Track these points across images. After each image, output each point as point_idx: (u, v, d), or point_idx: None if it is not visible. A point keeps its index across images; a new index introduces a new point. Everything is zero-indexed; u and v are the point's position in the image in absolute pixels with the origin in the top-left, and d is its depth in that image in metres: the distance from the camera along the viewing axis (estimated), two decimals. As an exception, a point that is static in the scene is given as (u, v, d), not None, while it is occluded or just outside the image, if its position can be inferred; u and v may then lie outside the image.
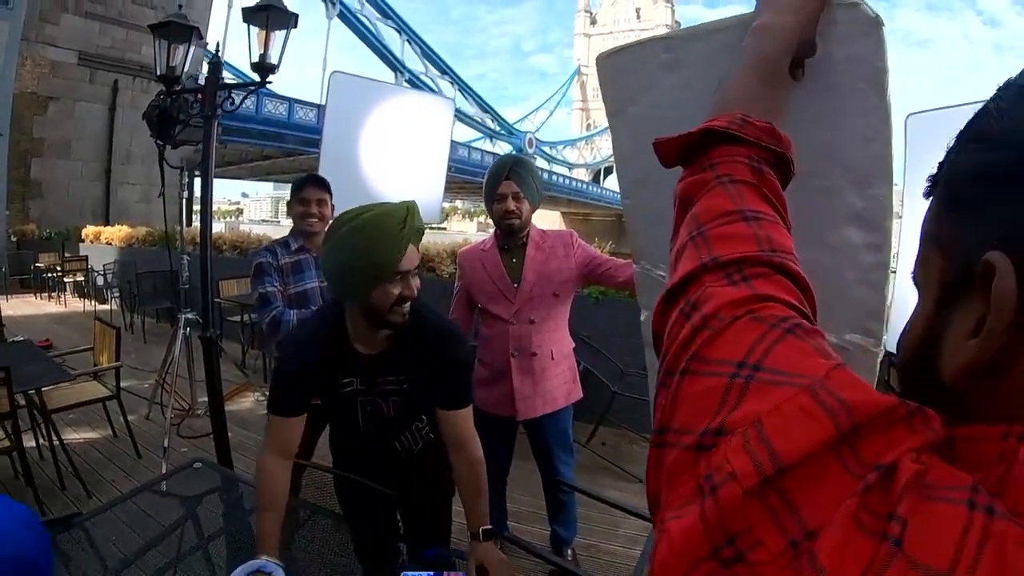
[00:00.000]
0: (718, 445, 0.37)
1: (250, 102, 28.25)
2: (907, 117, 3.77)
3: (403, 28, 45.43)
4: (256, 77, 3.44)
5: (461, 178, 41.95)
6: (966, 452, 0.35)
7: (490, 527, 1.79)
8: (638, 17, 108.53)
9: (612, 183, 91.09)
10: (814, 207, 0.84)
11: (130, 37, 19.18)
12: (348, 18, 39.70)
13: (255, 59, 3.40)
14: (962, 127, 0.46)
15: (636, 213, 1.09)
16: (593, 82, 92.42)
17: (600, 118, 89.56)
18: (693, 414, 0.40)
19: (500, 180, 2.62)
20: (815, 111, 0.84)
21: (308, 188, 3.02)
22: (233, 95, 3.41)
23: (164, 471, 3.89)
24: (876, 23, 0.82)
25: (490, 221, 2.78)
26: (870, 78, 0.83)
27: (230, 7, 29.10)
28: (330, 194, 3.08)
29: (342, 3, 38.74)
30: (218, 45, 3.68)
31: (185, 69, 3.66)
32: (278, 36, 3.42)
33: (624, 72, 1.07)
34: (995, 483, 0.32)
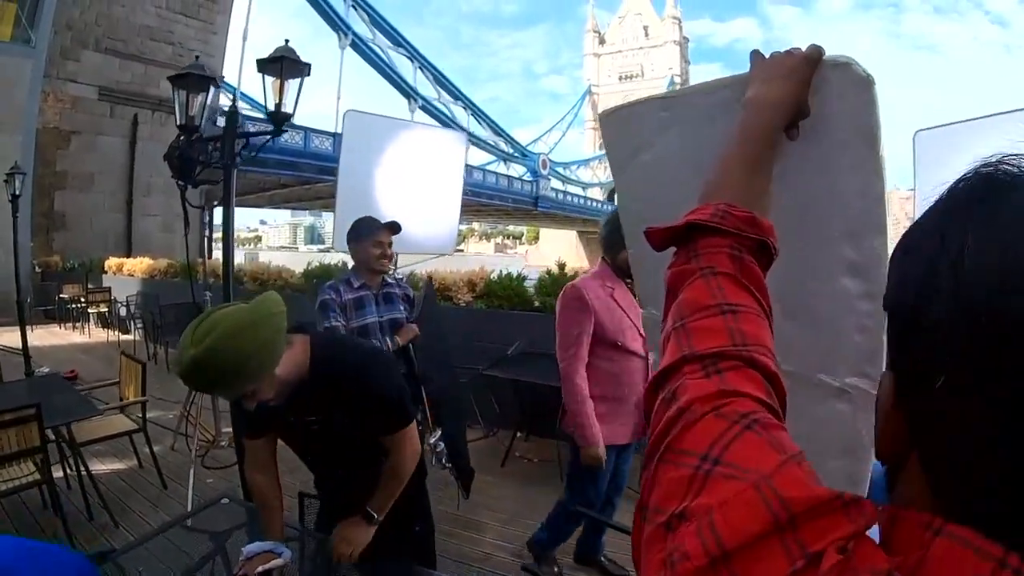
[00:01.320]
0: (680, 528, 0.42)
1: (299, 137, 28.77)
2: (915, 134, 3.82)
3: (415, 55, 46.04)
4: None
5: (477, 201, 42.24)
6: (900, 533, 0.40)
7: (371, 512, 1.96)
8: (646, 35, 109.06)
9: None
10: (813, 258, 0.89)
11: (149, 72, 19.82)
12: (360, 47, 40.32)
13: (271, 108, 3.57)
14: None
15: (640, 261, 1.14)
16: (604, 101, 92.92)
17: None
18: (665, 497, 0.45)
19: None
20: (810, 168, 0.87)
21: (385, 232, 3.32)
22: (251, 141, 3.55)
23: (190, 501, 3.96)
24: (868, 82, 0.84)
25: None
26: (863, 134, 0.85)
27: (245, 39, 29.66)
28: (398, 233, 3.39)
29: (354, 33, 39.39)
30: (234, 95, 3.82)
31: (204, 115, 3.79)
32: (292, 85, 3.58)
33: (625, 129, 1.10)
34: (911, 568, 0.37)
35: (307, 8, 37.39)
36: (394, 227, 3.36)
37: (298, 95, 3.61)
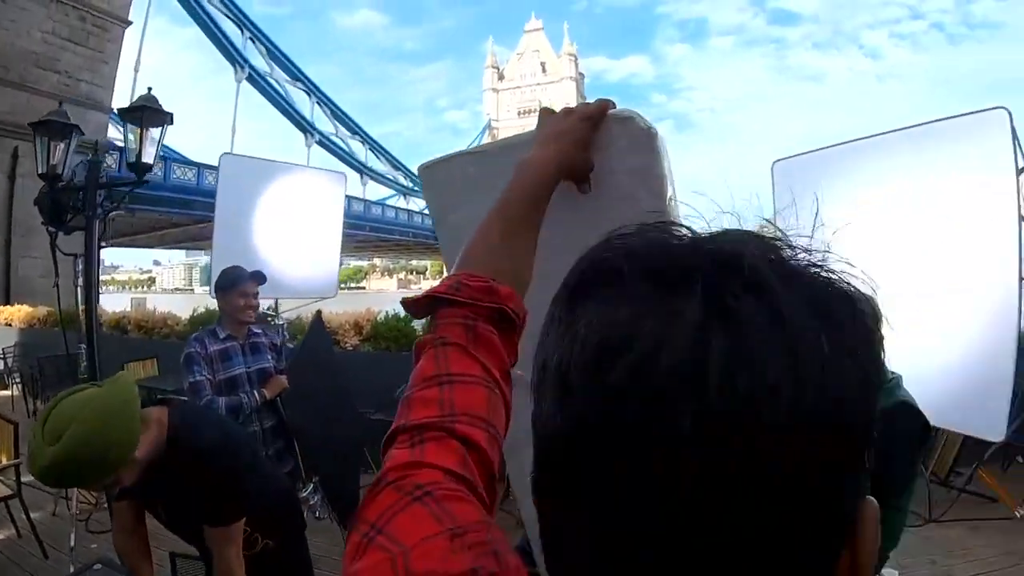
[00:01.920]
0: None
1: (158, 168, 27.48)
2: (772, 164, 3.97)
3: (312, 90, 45.59)
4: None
5: (377, 236, 41.87)
6: None
7: None
8: (544, 71, 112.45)
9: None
10: None
11: (32, 102, 17.85)
12: (257, 81, 39.70)
13: (131, 159, 3.59)
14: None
15: None
16: (503, 135, 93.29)
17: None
18: (347, 561, 0.49)
19: None
20: (603, 221, 0.85)
21: (250, 282, 3.30)
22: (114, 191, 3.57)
23: (72, 568, 3.81)
24: (650, 135, 0.87)
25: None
26: (649, 187, 0.87)
27: (136, 69, 28.65)
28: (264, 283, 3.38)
29: (251, 66, 38.70)
30: (96, 145, 3.79)
31: (67, 162, 3.76)
32: (153, 133, 3.60)
33: (441, 183, 1.12)
34: None
35: (206, 39, 36.56)
36: (259, 277, 3.36)
37: (160, 143, 3.64)
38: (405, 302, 0.76)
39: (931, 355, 2.86)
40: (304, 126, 44.14)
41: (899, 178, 3.10)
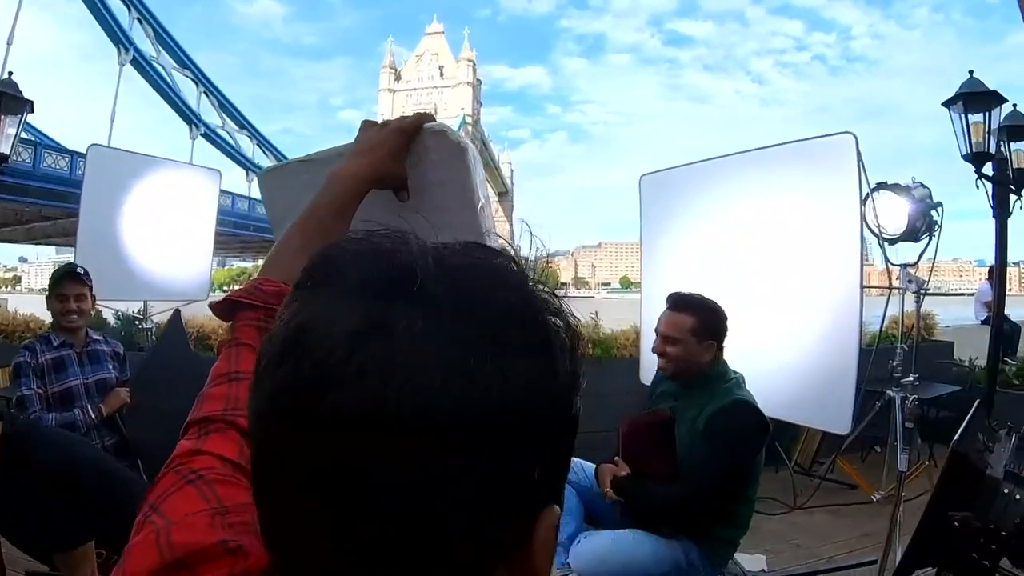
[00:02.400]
0: (123, 557, 0.50)
1: (27, 155, 25.22)
2: (640, 178, 4.04)
3: (200, 79, 42.60)
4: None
5: (261, 237, 37.94)
6: None
7: None
8: (441, 75, 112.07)
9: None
10: None
11: None
12: (142, 65, 36.83)
13: None
14: None
15: None
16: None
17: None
18: (132, 534, 0.52)
19: None
20: (423, 230, 0.93)
21: (67, 284, 2.94)
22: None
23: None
24: (461, 148, 0.90)
25: None
26: (460, 197, 0.90)
27: (9, 43, 26.35)
28: (90, 286, 3.02)
29: (136, 49, 35.91)
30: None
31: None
32: (11, 122, 3.40)
33: (277, 189, 1.14)
34: None
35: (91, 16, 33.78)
36: (77, 277, 3.00)
37: (17, 132, 3.41)
38: (212, 305, 0.80)
39: (782, 357, 3.08)
40: (189, 117, 41.19)
41: (754, 194, 3.29)
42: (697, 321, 2.34)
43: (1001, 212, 3.39)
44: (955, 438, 1.34)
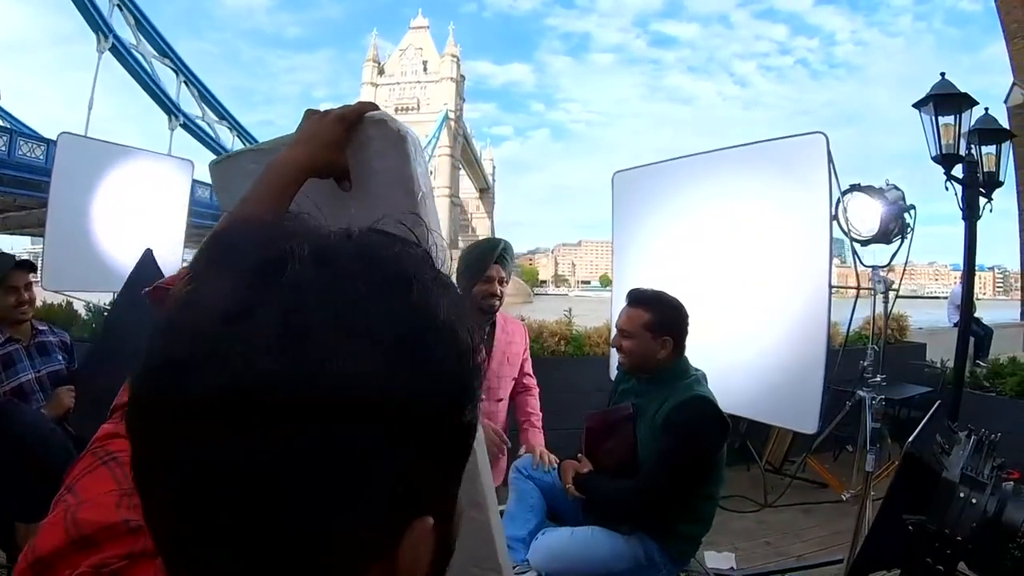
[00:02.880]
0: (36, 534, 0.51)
1: (2, 143, 25.05)
2: (613, 175, 4.04)
3: (181, 68, 41.86)
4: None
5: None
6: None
7: None
8: (425, 70, 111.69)
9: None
10: None
11: None
12: (122, 53, 36.14)
13: None
14: None
15: None
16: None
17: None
18: (51, 512, 0.53)
19: (490, 263, 2.71)
20: (368, 220, 0.95)
21: (17, 274, 2.81)
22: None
23: None
24: (401, 137, 0.90)
25: None
26: (401, 186, 0.90)
27: None
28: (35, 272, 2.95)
29: (116, 36, 35.26)
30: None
31: None
32: None
33: (227, 179, 1.14)
34: None
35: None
36: (26, 266, 2.91)
37: None
38: (145, 293, 0.80)
39: (751, 356, 3.11)
40: (169, 107, 40.46)
41: (725, 192, 3.30)
42: (652, 316, 2.33)
43: (971, 215, 3.42)
44: (910, 439, 1.32)
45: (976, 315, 7.19)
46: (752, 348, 3.15)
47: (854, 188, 2.95)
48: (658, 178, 3.78)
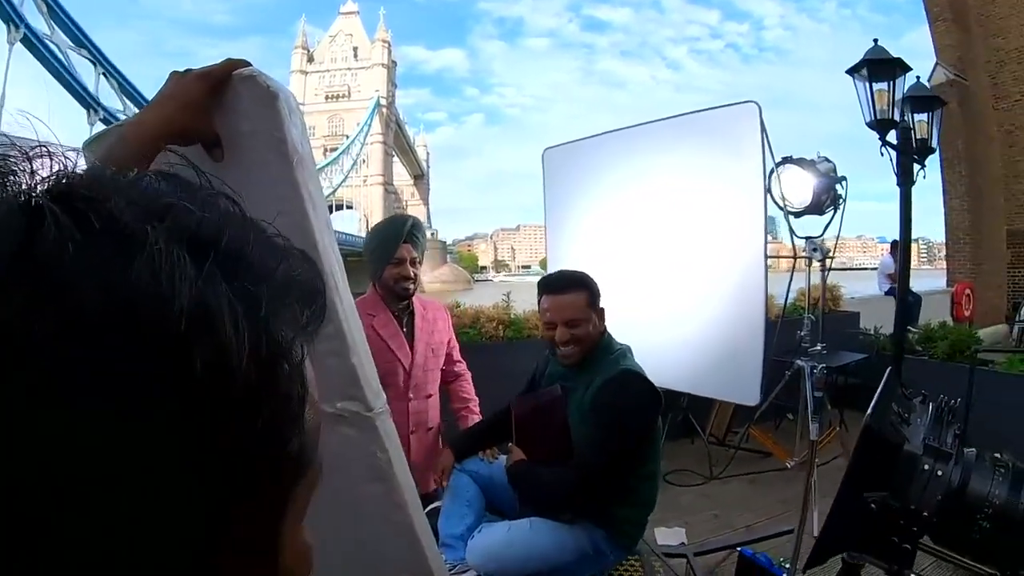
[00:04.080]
0: None
1: None
2: (543, 152, 3.95)
3: (99, 59, 39.67)
4: None
5: None
6: None
7: None
8: (355, 56, 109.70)
9: (340, 221, 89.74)
10: None
11: None
12: (34, 44, 34.15)
13: None
14: None
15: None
16: (309, 120, 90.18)
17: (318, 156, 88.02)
18: None
19: (399, 243, 2.50)
20: (244, 187, 0.84)
21: None
22: None
23: None
24: (272, 95, 0.82)
25: None
26: (275, 149, 0.82)
27: None
28: None
29: (28, 26, 33.38)
30: None
31: None
32: None
33: (100, 158, 1.02)
34: None
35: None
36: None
37: None
38: None
39: (690, 331, 3.10)
40: (87, 101, 38.21)
41: (659, 165, 3.26)
42: (588, 294, 2.19)
43: (905, 181, 3.44)
44: (868, 412, 1.25)
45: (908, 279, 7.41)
46: (691, 323, 3.12)
47: (787, 160, 2.95)
48: (590, 153, 3.70)
